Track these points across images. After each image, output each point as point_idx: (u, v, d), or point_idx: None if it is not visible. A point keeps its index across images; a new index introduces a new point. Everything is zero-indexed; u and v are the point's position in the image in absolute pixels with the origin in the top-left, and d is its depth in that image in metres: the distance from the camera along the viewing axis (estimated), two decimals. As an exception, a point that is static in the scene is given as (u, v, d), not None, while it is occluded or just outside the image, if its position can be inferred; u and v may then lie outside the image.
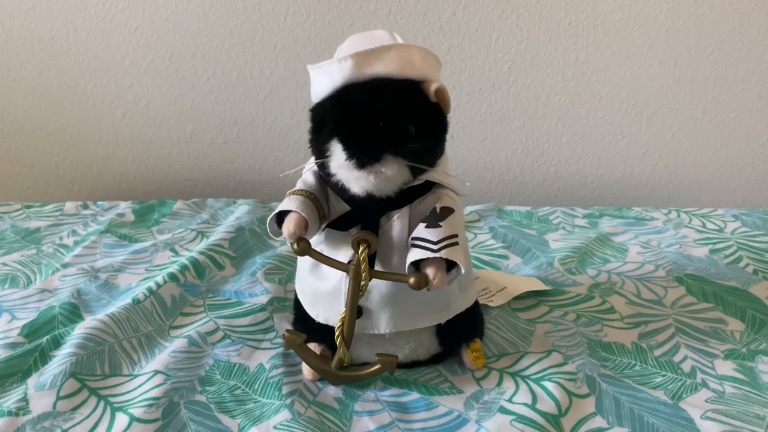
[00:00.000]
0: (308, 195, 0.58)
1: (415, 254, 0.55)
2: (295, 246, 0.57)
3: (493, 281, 0.81)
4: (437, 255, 0.54)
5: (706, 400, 0.59)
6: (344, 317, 0.58)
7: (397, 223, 0.58)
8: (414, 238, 0.56)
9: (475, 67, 1.19)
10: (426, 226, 0.56)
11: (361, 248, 0.56)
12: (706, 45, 1.18)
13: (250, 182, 1.28)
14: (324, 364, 0.61)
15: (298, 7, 1.16)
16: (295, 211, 0.57)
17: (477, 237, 0.99)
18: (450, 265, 0.55)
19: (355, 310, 0.58)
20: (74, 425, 0.56)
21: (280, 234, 0.58)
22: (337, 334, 0.59)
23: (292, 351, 0.67)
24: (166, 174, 1.27)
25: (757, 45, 1.17)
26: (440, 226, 0.56)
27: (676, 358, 0.66)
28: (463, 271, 0.55)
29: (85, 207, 1.10)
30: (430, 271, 0.55)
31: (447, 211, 0.57)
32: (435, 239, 0.55)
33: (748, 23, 1.16)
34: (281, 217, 0.58)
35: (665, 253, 0.92)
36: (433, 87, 0.55)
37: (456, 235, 0.56)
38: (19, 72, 1.20)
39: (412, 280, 0.54)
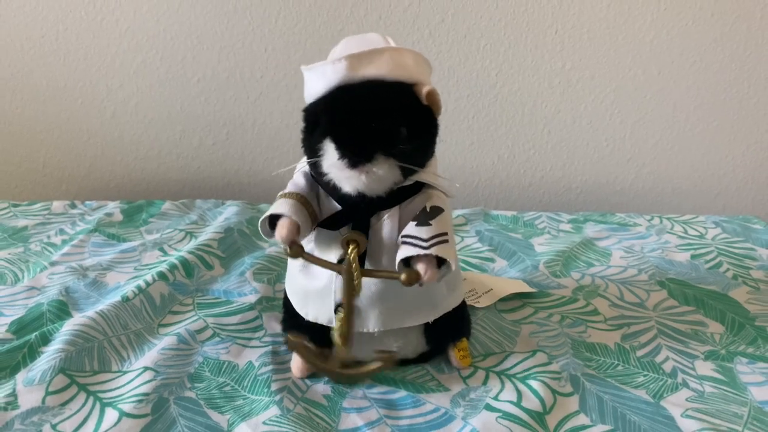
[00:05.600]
0: (299, 198, 0.59)
1: (405, 251, 0.56)
2: (288, 250, 0.57)
3: (480, 283, 0.82)
4: (428, 252, 0.55)
5: (686, 399, 0.61)
6: (343, 318, 0.58)
7: (387, 222, 0.59)
8: (404, 236, 0.57)
9: (462, 72, 1.21)
10: (416, 224, 0.57)
11: (351, 248, 0.57)
12: (688, 55, 1.20)
13: (239, 184, 1.28)
14: (328, 364, 0.60)
15: (289, 11, 1.17)
16: (287, 216, 0.57)
17: (464, 240, 1.01)
18: (440, 263, 0.56)
19: (353, 310, 0.58)
20: (63, 420, 0.56)
21: (272, 236, 0.59)
22: (338, 335, 0.58)
23: (282, 349, 0.68)
24: (154, 174, 1.27)
25: (738, 56, 1.20)
26: (430, 225, 0.57)
27: (658, 359, 0.68)
28: (453, 267, 0.56)
29: (73, 206, 1.10)
30: (420, 268, 0.55)
31: (437, 210, 0.58)
32: (425, 237, 0.56)
33: (730, 35, 1.19)
34: (273, 219, 0.58)
35: (648, 257, 0.94)
36: (424, 90, 0.56)
37: (446, 233, 0.57)
38: (8, 70, 1.19)
39: (403, 276, 0.55)
